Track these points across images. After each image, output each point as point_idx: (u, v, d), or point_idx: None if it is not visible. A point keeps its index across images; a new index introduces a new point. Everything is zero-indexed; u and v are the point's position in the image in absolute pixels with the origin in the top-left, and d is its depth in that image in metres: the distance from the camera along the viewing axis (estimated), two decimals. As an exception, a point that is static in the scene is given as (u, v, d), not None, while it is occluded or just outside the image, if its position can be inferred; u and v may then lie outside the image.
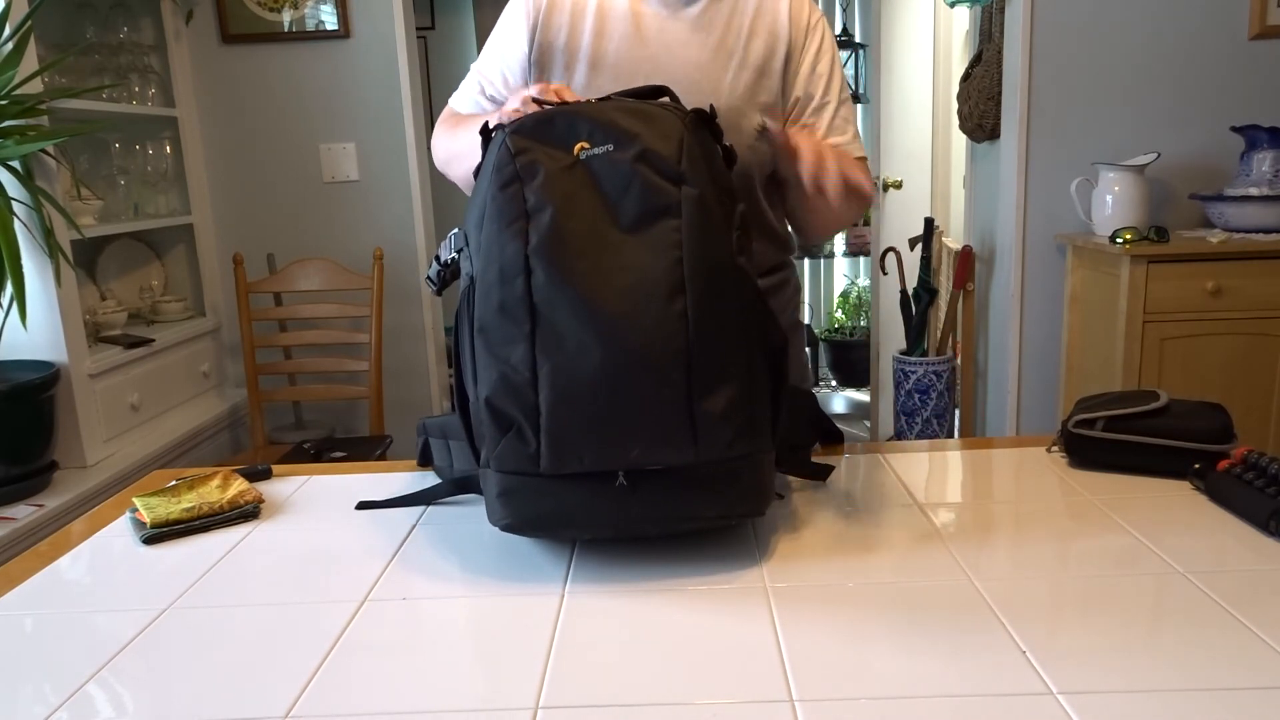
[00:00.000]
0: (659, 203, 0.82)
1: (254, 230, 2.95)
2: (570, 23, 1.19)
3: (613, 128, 0.84)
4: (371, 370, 2.66)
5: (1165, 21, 2.54)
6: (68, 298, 2.16)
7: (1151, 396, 1.04)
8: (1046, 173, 2.65)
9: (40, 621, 0.80)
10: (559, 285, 0.80)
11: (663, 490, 0.82)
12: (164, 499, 1.01)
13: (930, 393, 3.21)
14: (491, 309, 0.82)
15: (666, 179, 0.83)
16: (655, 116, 0.85)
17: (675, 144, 0.84)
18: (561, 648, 0.72)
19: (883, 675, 0.66)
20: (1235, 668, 0.65)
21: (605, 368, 0.78)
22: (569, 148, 0.84)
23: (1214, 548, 0.84)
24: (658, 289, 0.80)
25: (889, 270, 3.53)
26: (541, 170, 0.83)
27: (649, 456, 0.80)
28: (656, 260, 0.80)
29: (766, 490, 0.87)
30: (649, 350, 0.79)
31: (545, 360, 0.80)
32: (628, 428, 0.80)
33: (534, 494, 0.82)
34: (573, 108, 0.86)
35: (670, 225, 0.82)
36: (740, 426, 0.82)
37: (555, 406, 0.79)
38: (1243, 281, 2.25)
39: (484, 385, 0.82)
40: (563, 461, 0.80)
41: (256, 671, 0.70)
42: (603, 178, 0.83)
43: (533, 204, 0.82)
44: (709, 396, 0.80)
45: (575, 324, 0.79)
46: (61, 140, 2.18)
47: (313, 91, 2.86)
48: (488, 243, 0.83)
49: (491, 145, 0.88)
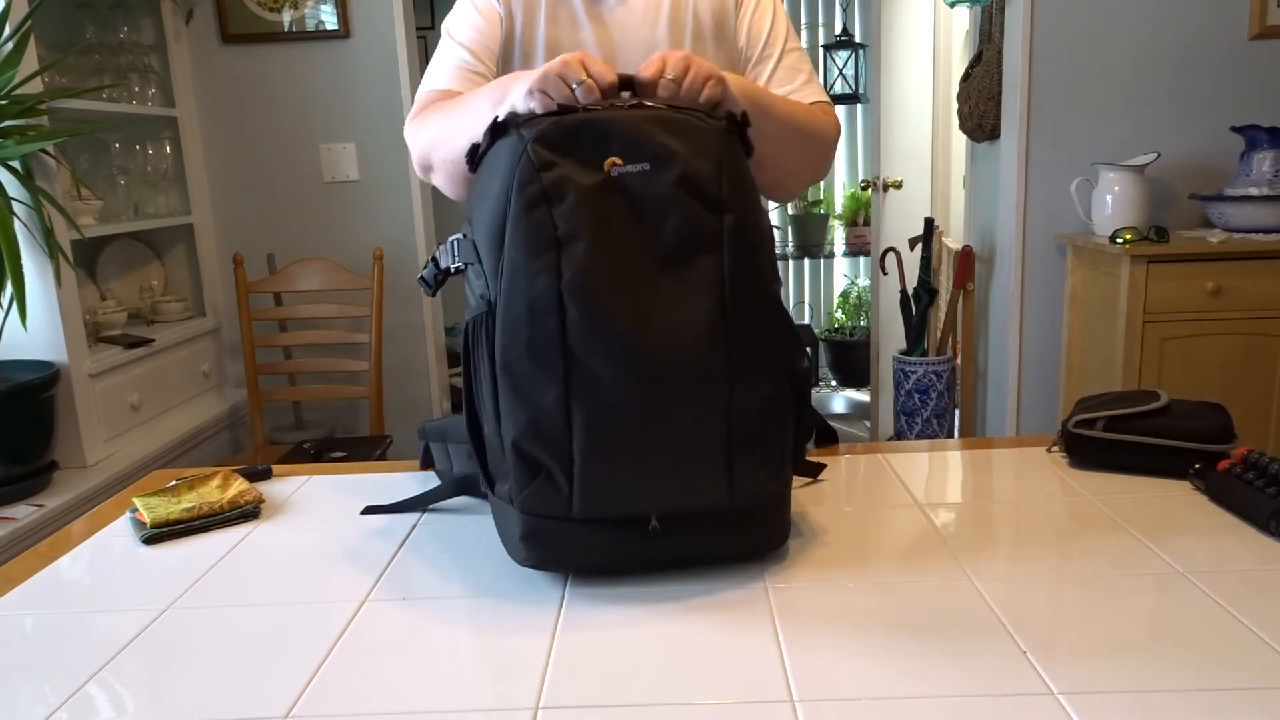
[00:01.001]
0: (701, 235, 0.77)
1: (254, 230, 2.95)
2: (524, 11, 1.17)
3: (647, 143, 0.77)
4: (371, 370, 2.66)
5: (1165, 21, 2.54)
6: (68, 298, 2.16)
7: (1151, 396, 1.04)
8: (1046, 173, 2.65)
9: (40, 621, 0.80)
10: (595, 327, 0.74)
11: (694, 532, 0.81)
12: (164, 499, 1.01)
13: (930, 393, 3.21)
14: (519, 347, 0.76)
15: (708, 207, 0.78)
16: (690, 129, 0.79)
17: (714, 163, 0.79)
18: (562, 648, 0.72)
19: (883, 675, 0.66)
20: (1235, 668, 0.65)
21: (644, 416, 0.75)
22: (599, 162, 0.77)
23: (1214, 548, 0.84)
24: (700, 334, 0.76)
25: (889, 270, 3.53)
26: (572, 191, 0.76)
27: (685, 502, 0.79)
28: (698, 301, 0.76)
29: (789, 522, 0.86)
30: (690, 399, 0.76)
31: (580, 406, 0.75)
32: (666, 476, 0.77)
33: (562, 538, 0.80)
34: (601, 116, 0.79)
35: (712, 261, 0.77)
36: (773, 468, 0.81)
37: (590, 453, 0.76)
38: (1243, 281, 2.25)
39: (510, 426, 0.78)
40: (596, 507, 0.78)
41: (256, 671, 0.70)
42: (639, 201, 0.77)
43: (564, 231, 0.75)
44: (746, 442, 0.79)
45: (612, 369, 0.75)
46: (61, 140, 2.18)
47: (313, 91, 2.86)
48: (511, 271, 0.76)
49: (507, 148, 0.80)
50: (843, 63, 4.68)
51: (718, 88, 0.90)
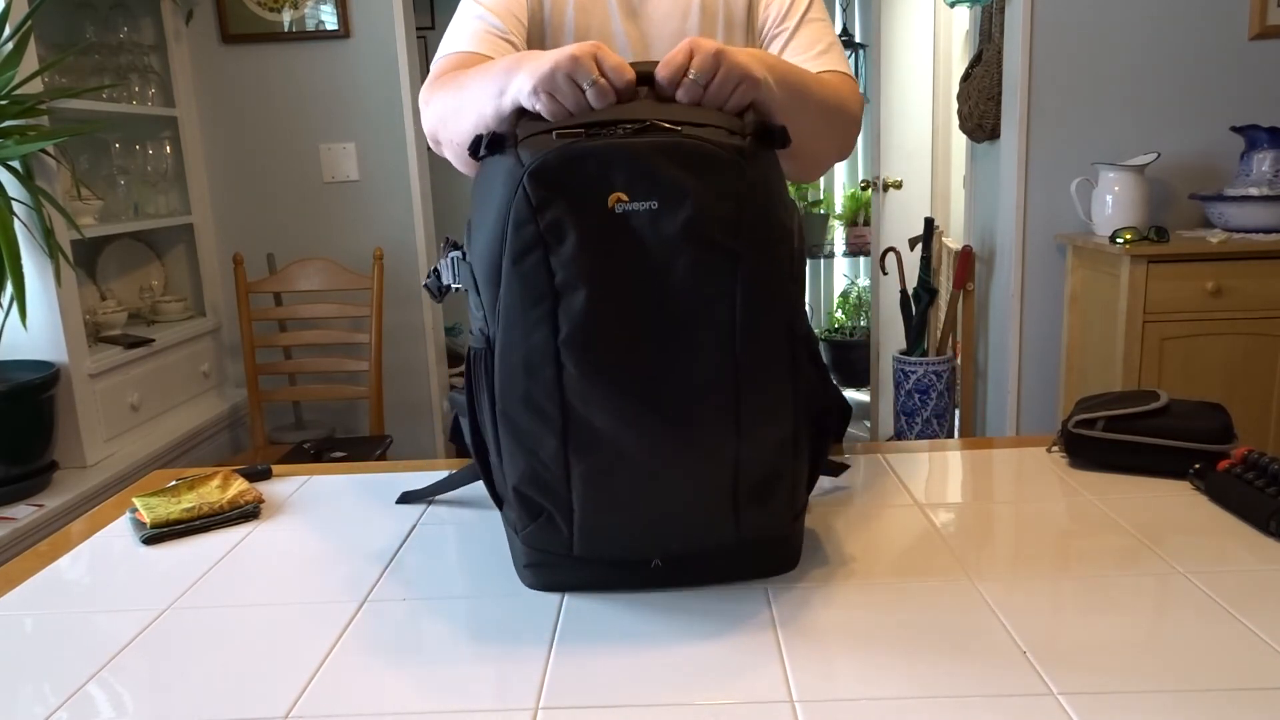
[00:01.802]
0: (711, 285, 0.70)
1: (254, 230, 2.95)
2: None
3: (657, 178, 0.69)
4: (371, 370, 2.66)
5: (1165, 22, 2.54)
6: (68, 298, 2.16)
7: (1152, 396, 1.04)
8: (1046, 173, 2.65)
9: (40, 621, 0.80)
10: (594, 381, 0.70)
11: (698, 567, 0.80)
12: (164, 499, 1.01)
13: (930, 393, 3.21)
14: (515, 399, 0.73)
15: (721, 253, 0.70)
16: (707, 163, 0.70)
17: (731, 200, 0.70)
18: (562, 648, 0.72)
19: (882, 675, 0.66)
20: (1235, 668, 0.65)
21: (645, 470, 0.72)
22: (602, 197, 0.69)
23: (1214, 548, 0.84)
24: (706, 387, 0.71)
25: (889, 270, 3.53)
26: (571, 235, 0.69)
27: (689, 547, 0.78)
28: (705, 351, 0.71)
29: (799, 548, 0.85)
30: (694, 454, 0.73)
31: (579, 460, 0.73)
32: (668, 525, 0.76)
33: (565, 569, 0.80)
34: (605, 145, 0.70)
35: (722, 308, 0.71)
36: (784, 509, 0.79)
37: (589, 506, 0.74)
38: (1243, 281, 2.25)
39: (511, 470, 0.76)
40: (597, 550, 0.77)
41: (256, 671, 0.70)
42: (644, 242, 0.70)
43: (561, 280, 0.69)
44: (755, 489, 0.76)
45: (611, 423, 0.71)
46: (61, 140, 2.18)
47: (313, 91, 2.86)
48: (507, 318, 0.72)
49: (504, 171, 0.72)
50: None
51: (750, 92, 0.79)
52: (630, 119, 0.72)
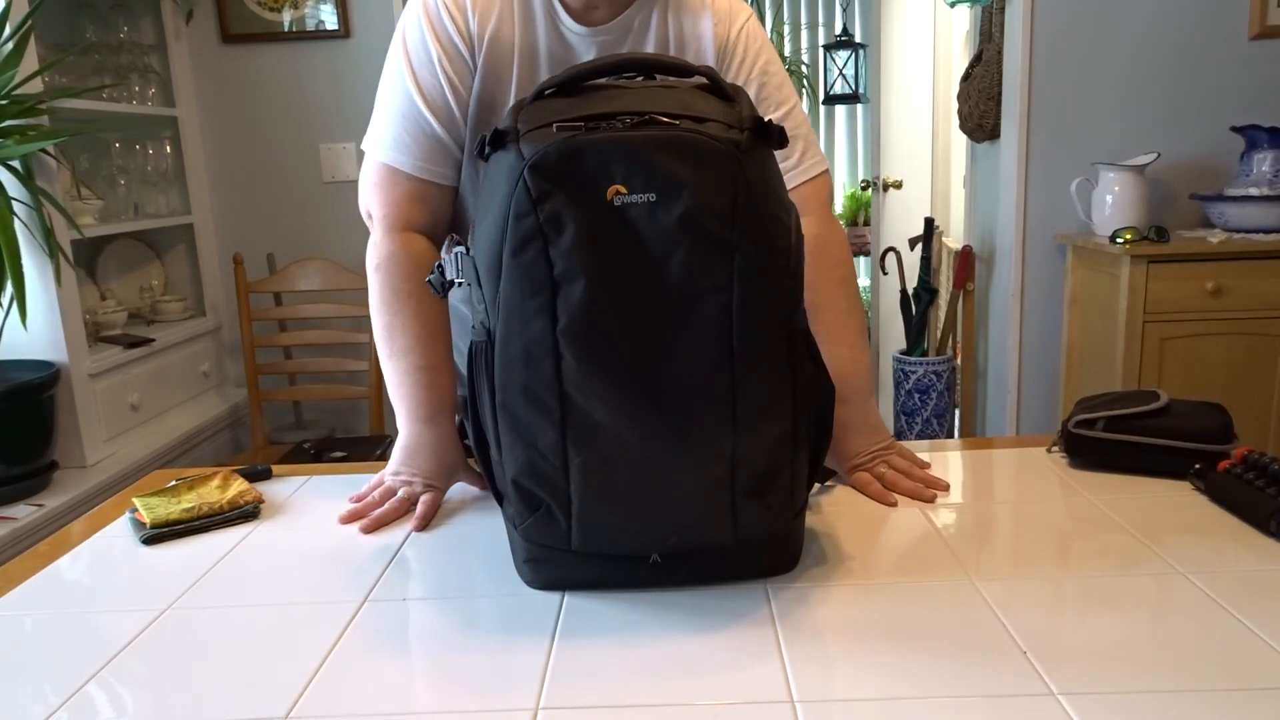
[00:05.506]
0: (708, 275, 0.71)
1: (254, 230, 2.95)
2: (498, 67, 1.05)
3: (654, 171, 0.70)
4: (371, 370, 2.66)
5: (1165, 21, 2.54)
6: (68, 297, 2.16)
7: (1152, 397, 1.04)
8: (1046, 173, 2.65)
9: (40, 621, 0.80)
10: (592, 372, 0.71)
11: (697, 564, 0.80)
12: (164, 499, 1.01)
13: (930, 393, 3.21)
14: (515, 389, 0.74)
15: (717, 245, 0.71)
16: (704, 153, 0.71)
17: (728, 193, 0.71)
18: (562, 648, 0.72)
19: (882, 675, 0.66)
20: (1235, 668, 0.65)
21: (643, 462, 0.73)
22: (601, 190, 0.71)
23: (1214, 548, 0.84)
24: (703, 379, 0.72)
25: (889, 270, 3.53)
26: (570, 226, 0.70)
27: (686, 543, 0.78)
28: (703, 344, 0.72)
29: (799, 548, 0.85)
30: (691, 446, 0.73)
31: (577, 452, 0.73)
32: (666, 519, 0.76)
33: (564, 565, 0.80)
34: (604, 138, 0.71)
35: (719, 300, 0.72)
36: (782, 505, 0.79)
37: (587, 498, 0.75)
38: (1243, 281, 2.25)
39: (510, 462, 0.77)
40: (595, 545, 0.78)
41: (256, 671, 0.70)
42: (642, 234, 0.71)
43: (560, 271, 0.71)
44: (753, 484, 0.76)
45: (610, 417, 0.72)
46: (61, 140, 2.18)
47: (313, 91, 2.86)
48: (507, 309, 0.73)
49: (505, 166, 0.73)
50: (843, 63, 4.69)
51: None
52: (630, 111, 0.73)
